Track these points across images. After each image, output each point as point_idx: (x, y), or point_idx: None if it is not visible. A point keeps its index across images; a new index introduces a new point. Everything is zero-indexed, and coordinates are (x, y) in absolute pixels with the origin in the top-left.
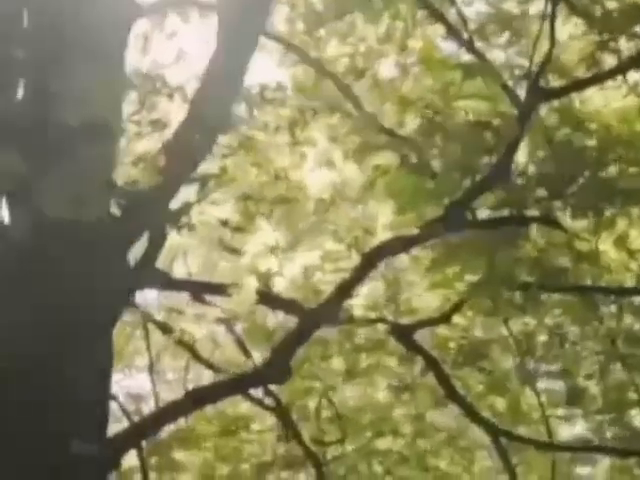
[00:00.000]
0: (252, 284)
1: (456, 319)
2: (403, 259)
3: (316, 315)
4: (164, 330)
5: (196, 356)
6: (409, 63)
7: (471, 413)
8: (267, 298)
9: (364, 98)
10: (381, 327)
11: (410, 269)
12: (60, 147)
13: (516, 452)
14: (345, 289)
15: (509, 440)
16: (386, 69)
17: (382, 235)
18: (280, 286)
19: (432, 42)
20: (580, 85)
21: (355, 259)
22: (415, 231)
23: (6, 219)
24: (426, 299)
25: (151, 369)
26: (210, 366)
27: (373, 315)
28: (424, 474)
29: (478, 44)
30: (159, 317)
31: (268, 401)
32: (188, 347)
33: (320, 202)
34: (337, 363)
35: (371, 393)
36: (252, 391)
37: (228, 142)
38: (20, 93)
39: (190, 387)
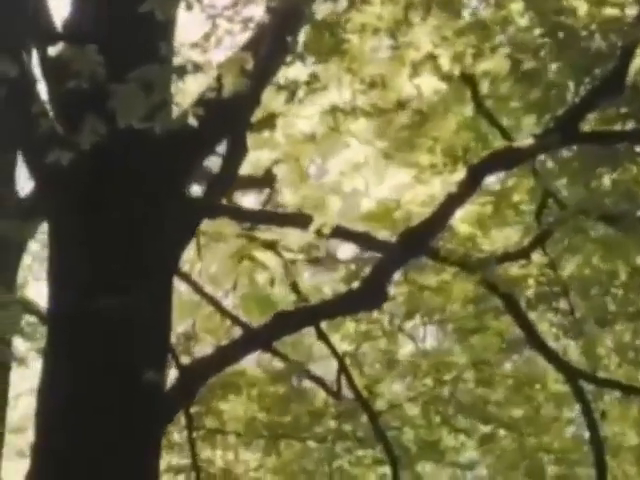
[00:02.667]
0: (335, 205)
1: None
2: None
3: (415, 238)
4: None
5: (221, 310)
6: None
7: (550, 355)
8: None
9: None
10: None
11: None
12: (141, 47)
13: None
14: (446, 209)
15: (592, 384)
16: None
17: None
18: (366, 208)
19: None
20: None
21: (453, 178)
22: (528, 141)
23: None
24: (505, 231)
25: None
26: (235, 320)
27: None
28: (485, 425)
29: None
30: None
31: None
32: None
33: (418, 113)
34: (396, 304)
35: (433, 336)
36: None
37: (320, 46)
38: None
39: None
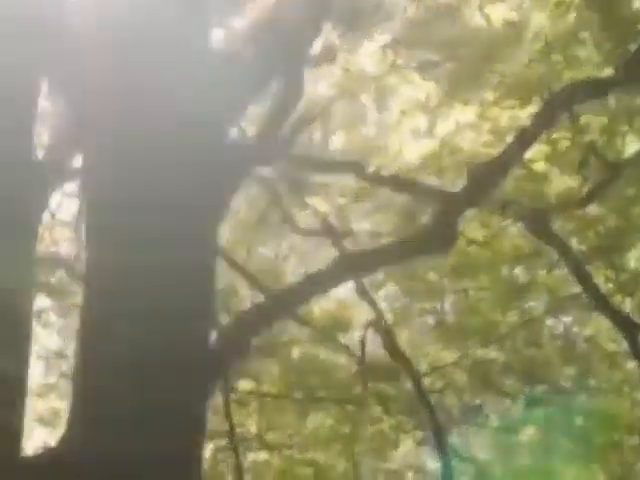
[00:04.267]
0: (398, 145)
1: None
2: None
3: (486, 176)
4: None
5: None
6: None
7: (608, 310)
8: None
9: None
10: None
11: None
12: None
13: None
14: (519, 145)
15: None
16: None
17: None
18: (428, 148)
19: None
20: None
21: (525, 112)
22: (608, 72)
23: None
24: (563, 179)
25: None
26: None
27: None
28: (528, 387)
29: None
30: None
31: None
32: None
33: (487, 47)
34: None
35: (478, 296)
36: None
37: None
38: None
39: None
